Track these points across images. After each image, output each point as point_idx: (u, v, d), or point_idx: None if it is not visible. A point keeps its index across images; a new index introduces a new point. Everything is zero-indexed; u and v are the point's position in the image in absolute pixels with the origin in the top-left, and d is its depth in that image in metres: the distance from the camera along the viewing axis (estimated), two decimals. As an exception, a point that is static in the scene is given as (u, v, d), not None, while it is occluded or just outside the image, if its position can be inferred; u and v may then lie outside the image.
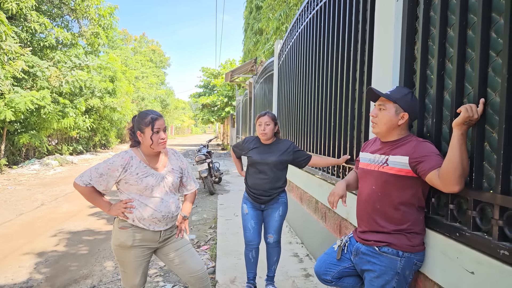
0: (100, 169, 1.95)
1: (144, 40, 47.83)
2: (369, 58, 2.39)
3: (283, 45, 5.72)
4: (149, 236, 2.03)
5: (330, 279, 1.93)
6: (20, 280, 3.42)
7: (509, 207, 1.23)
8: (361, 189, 1.83)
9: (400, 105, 1.65)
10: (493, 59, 1.36)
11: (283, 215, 2.85)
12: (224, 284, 3.02)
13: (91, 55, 14.81)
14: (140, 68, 32.62)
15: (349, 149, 2.75)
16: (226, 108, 22.85)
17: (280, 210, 2.83)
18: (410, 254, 1.62)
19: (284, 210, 2.85)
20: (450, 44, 1.60)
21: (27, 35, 11.80)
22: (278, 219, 2.82)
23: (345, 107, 2.86)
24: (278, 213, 2.82)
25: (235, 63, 23.33)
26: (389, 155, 1.67)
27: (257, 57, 11.43)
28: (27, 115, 11.41)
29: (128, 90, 20.21)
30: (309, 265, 3.45)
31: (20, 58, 10.63)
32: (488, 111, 1.38)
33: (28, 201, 6.93)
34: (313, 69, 3.86)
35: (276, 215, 2.82)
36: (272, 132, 2.74)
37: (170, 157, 2.17)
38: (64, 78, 12.51)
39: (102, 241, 4.56)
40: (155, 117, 1.99)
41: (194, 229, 5.09)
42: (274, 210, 2.82)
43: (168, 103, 38.71)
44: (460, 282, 1.40)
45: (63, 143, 16.44)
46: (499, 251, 1.23)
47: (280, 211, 2.83)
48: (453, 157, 1.37)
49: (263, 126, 2.72)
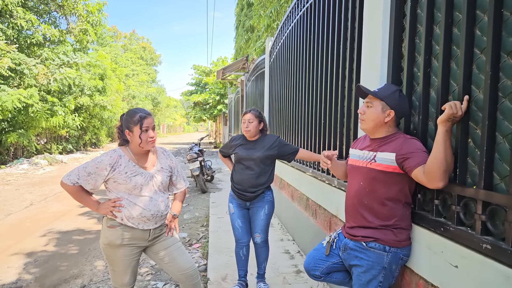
0: (88, 168, 1.93)
1: (134, 37, 47.29)
2: (358, 56, 2.41)
3: (274, 43, 5.72)
4: (138, 234, 2.02)
5: (319, 275, 1.96)
6: (9, 280, 3.37)
7: (492, 202, 1.26)
8: (350, 185, 1.85)
9: (387, 102, 1.66)
10: (477, 57, 1.39)
11: (269, 213, 2.81)
12: (215, 282, 3.03)
13: (80, 53, 14.62)
14: (131, 66, 32.30)
15: (338, 146, 2.77)
16: (218, 106, 22.78)
17: (265, 209, 2.79)
18: (397, 249, 1.65)
19: (270, 209, 2.82)
20: (436, 42, 1.63)
21: (13, 32, 11.59)
22: (264, 217, 2.79)
23: (335, 104, 2.88)
24: (263, 211, 2.79)
25: (227, 61, 23.24)
26: (377, 151, 1.69)
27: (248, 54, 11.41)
28: (15, 114, 11.23)
29: (119, 88, 20.01)
30: (300, 262, 3.47)
31: (6, 56, 10.45)
32: (472, 108, 1.40)
33: (17, 201, 6.84)
34: (303, 66, 3.87)
35: (261, 213, 2.79)
36: (255, 129, 2.74)
37: (159, 156, 2.16)
38: (52, 76, 12.34)
39: (92, 241, 4.52)
40: (143, 115, 1.97)
41: (186, 227, 5.08)
42: (260, 209, 2.79)
43: (159, 101, 38.43)
44: (445, 275, 1.43)
45: (52, 142, 16.20)
46: (481, 245, 1.26)
47: (265, 210, 2.79)
48: (438, 153, 1.40)
49: (246, 123, 2.73)
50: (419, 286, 1.63)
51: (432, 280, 1.52)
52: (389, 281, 1.70)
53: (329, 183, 2.90)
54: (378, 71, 2.02)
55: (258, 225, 2.79)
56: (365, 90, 1.73)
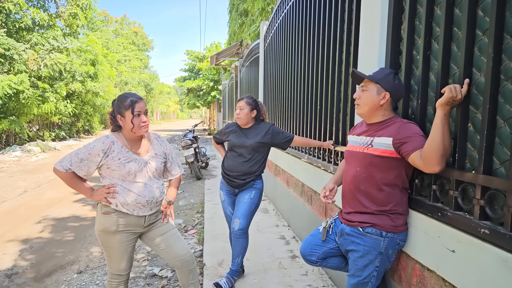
0: (80, 154, 1.89)
1: (126, 22, 46.39)
2: (355, 39, 2.37)
3: (269, 27, 5.63)
4: (133, 221, 2.00)
5: (315, 260, 1.96)
6: (5, 267, 3.36)
7: (491, 187, 1.25)
8: (347, 171, 1.84)
9: (381, 85, 1.64)
10: (479, 38, 1.35)
11: (254, 198, 2.69)
12: (211, 267, 3.04)
13: (70, 37, 14.32)
14: (122, 51, 31.78)
15: (335, 132, 2.75)
16: (212, 93, 22.58)
17: (251, 193, 2.69)
18: (393, 234, 1.65)
19: (256, 195, 2.71)
20: (437, 24, 1.59)
21: (1, 16, 11.29)
22: (248, 201, 2.66)
23: (331, 89, 2.84)
24: (249, 195, 2.68)
25: (221, 46, 22.92)
26: (374, 136, 1.68)
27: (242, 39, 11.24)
28: (5, 100, 11.05)
29: (111, 74, 19.72)
30: (295, 247, 3.50)
31: (-5, 41, 10.20)
32: (472, 91, 1.38)
33: (11, 188, 6.78)
34: (299, 50, 3.82)
35: (246, 197, 2.67)
36: (246, 117, 2.67)
37: (153, 142, 2.12)
38: (43, 62, 12.11)
39: (87, 227, 4.51)
40: (134, 99, 1.92)
41: (181, 214, 5.08)
42: (246, 193, 2.70)
43: (152, 88, 37.99)
44: (441, 260, 1.43)
45: (45, 129, 16.01)
46: (479, 230, 1.26)
47: (251, 194, 2.69)
48: (436, 137, 1.38)
49: (238, 110, 2.68)
50: (415, 270, 1.63)
51: (428, 265, 1.53)
52: (386, 265, 1.71)
53: (325, 169, 2.89)
54: (376, 55, 1.98)
55: (240, 209, 2.66)
56: (360, 74, 1.70)
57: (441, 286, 1.44)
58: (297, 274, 2.89)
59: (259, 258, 3.22)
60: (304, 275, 2.87)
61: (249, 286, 2.71)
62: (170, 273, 3.18)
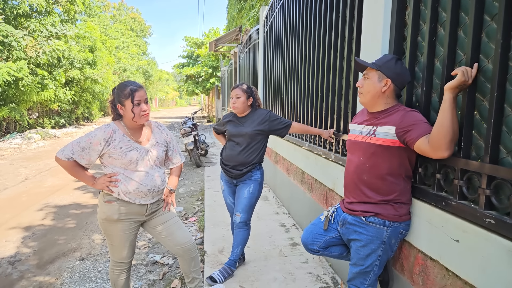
0: (82, 143, 1.88)
1: (124, 8, 45.65)
2: (358, 25, 2.32)
3: (269, 12, 5.52)
4: (135, 209, 2.00)
5: (317, 249, 1.96)
6: (8, 254, 3.39)
7: (497, 176, 1.23)
8: (349, 161, 1.81)
9: (383, 71, 1.61)
10: (487, 24, 1.32)
11: (254, 192, 2.67)
12: (212, 254, 3.06)
13: (68, 24, 14.14)
14: (121, 38, 31.35)
15: (336, 120, 2.72)
16: (211, 79, 22.40)
17: (250, 188, 2.66)
18: (397, 223, 1.64)
19: (255, 188, 2.67)
20: (443, 8, 1.55)
21: (-2, 2, 11.12)
22: (247, 196, 2.65)
23: (333, 76, 2.80)
24: (248, 189, 2.65)
25: (219, 32, 22.63)
26: (377, 126, 1.65)
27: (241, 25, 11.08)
28: (5, 88, 10.98)
29: (109, 60, 19.51)
30: (295, 235, 3.51)
31: (-8, 27, 10.06)
32: (479, 78, 1.35)
33: (12, 175, 6.78)
34: (299, 36, 3.75)
35: (245, 191, 2.65)
36: (243, 105, 2.62)
37: (154, 130, 2.10)
38: (41, 48, 11.98)
39: (89, 215, 4.52)
40: (134, 88, 1.89)
41: (181, 202, 5.10)
42: (245, 187, 2.67)
43: (151, 74, 37.67)
44: (445, 249, 1.43)
45: (45, 117, 15.94)
46: (485, 219, 1.25)
47: (250, 188, 2.66)
48: (445, 121, 1.35)
49: (234, 99, 2.62)
50: (418, 259, 1.63)
51: (431, 254, 1.52)
52: (388, 254, 1.70)
53: (326, 157, 2.88)
54: (380, 41, 1.94)
55: (240, 204, 2.66)
56: (362, 62, 1.67)
57: (444, 275, 1.44)
58: (297, 261, 2.91)
59: (260, 245, 3.24)
60: (304, 262, 2.89)
61: (249, 274, 2.72)
62: (171, 260, 3.20)
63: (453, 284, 1.39)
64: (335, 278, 2.65)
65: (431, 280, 1.53)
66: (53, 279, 2.93)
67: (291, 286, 2.54)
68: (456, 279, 1.37)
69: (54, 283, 2.87)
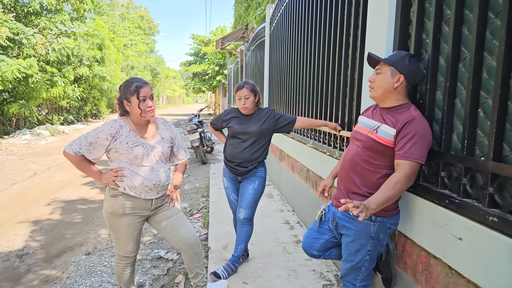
0: (89, 138, 1.91)
1: (132, 6, 45.90)
2: (363, 22, 2.31)
3: (275, 10, 5.52)
4: (140, 204, 2.03)
5: (316, 253, 1.98)
6: (16, 247, 3.45)
7: (501, 174, 1.22)
8: (349, 149, 1.82)
9: (396, 67, 1.60)
10: (492, 21, 1.31)
11: (258, 189, 2.68)
12: (216, 250, 3.08)
13: (77, 22, 14.28)
14: (129, 36, 31.56)
15: (340, 117, 2.72)
16: (218, 77, 22.45)
17: (255, 184, 2.66)
18: (383, 218, 1.65)
19: (260, 184, 2.68)
20: (448, 6, 1.53)
21: (10, 0, 11.26)
22: (252, 192, 2.65)
23: (338, 73, 2.79)
24: (252, 186, 2.66)
25: (226, 30, 22.64)
26: (382, 123, 1.65)
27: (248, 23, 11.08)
28: (15, 84, 11.14)
29: (117, 58, 19.66)
30: (299, 232, 3.52)
31: (4, 25, 10.20)
32: (483, 76, 1.34)
33: (21, 170, 6.89)
34: (305, 34, 3.74)
35: (250, 187, 2.66)
36: (253, 105, 2.60)
37: (159, 127, 2.13)
38: (51, 46, 12.13)
39: (96, 210, 4.58)
40: (139, 84, 1.92)
41: (186, 198, 5.14)
42: (249, 183, 2.67)
43: (158, 72, 37.86)
44: (448, 247, 1.43)
45: (53, 113, 16.15)
46: (488, 217, 1.24)
47: (255, 185, 2.66)
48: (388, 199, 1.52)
49: (243, 100, 2.56)
50: (421, 258, 1.63)
51: (434, 252, 1.52)
52: (378, 249, 1.72)
53: (330, 155, 2.88)
54: (384, 38, 1.93)
55: (244, 200, 2.66)
56: (376, 57, 1.66)
57: (447, 273, 1.44)
58: (301, 258, 2.92)
59: (264, 242, 3.25)
60: (308, 260, 2.89)
61: (253, 270, 2.74)
62: (176, 256, 3.23)
63: (456, 282, 1.39)
64: (339, 276, 2.65)
65: (434, 278, 1.53)
66: (59, 273, 2.98)
67: (295, 283, 2.55)
68: (459, 277, 1.37)
69: (61, 276, 2.91)
